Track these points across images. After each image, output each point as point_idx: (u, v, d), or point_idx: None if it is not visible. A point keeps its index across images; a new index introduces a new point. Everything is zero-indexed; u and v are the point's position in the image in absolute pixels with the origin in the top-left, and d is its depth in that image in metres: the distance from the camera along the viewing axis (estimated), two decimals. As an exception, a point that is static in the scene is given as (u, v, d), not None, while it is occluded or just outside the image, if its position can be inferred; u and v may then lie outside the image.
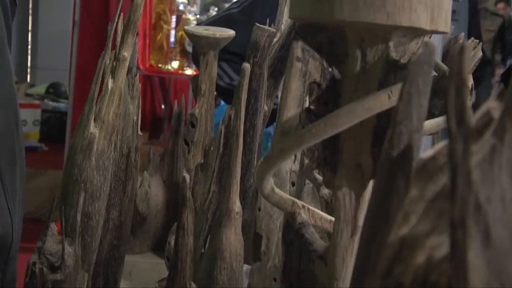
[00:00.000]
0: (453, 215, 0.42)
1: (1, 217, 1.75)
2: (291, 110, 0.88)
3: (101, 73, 1.43)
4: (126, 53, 1.45)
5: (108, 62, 1.45)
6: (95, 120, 1.42)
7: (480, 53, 1.37)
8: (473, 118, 0.45)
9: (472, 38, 1.40)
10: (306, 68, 0.88)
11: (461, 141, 0.42)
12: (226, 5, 5.84)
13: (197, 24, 3.28)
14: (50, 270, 1.19)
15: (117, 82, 1.45)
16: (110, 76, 1.44)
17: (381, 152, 0.70)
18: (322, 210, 1.18)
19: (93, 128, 1.41)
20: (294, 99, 0.88)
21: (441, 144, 0.49)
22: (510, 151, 0.46)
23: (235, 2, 2.75)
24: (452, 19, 0.94)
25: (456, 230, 0.42)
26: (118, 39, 1.47)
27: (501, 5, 10.90)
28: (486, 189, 0.44)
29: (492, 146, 0.45)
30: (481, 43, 1.38)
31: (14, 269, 1.81)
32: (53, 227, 1.24)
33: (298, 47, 0.87)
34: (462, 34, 1.31)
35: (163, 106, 4.92)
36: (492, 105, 0.49)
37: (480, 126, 0.47)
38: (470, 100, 1.32)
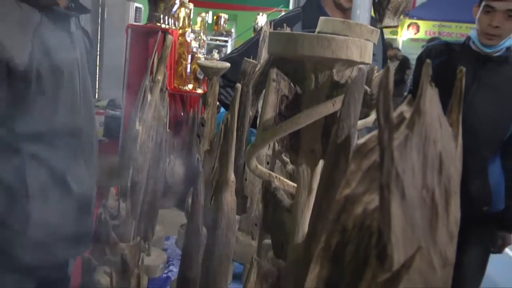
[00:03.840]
0: (381, 180, 0.41)
1: (85, 184, 1.75)
2: (269, 114, 0.86)
3: (143, 90, 1.42)
4: (160, 77, 1.44)
5: (147, 83, 1.43)
6: (139, 121, 1.40)
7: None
8: (394, 116, 0.44)
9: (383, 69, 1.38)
10: (279, 86, 0.87)
11: (387, 131, 0.41)
12: (224, 49, 5.80)
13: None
14: (110, 218, 1.17)
15: (153, 96, 1.43)
16: (149, 92, 1.43)
17: (329, 141, 0.69)
18: (287, 180, 1.17)
19: (138, 126, 1.40)
20: (271, 107, 0.86)
21: (370, 134, 0.48)
22: (418, 137, 0.45)
23: (236, 48, 2.76)
24: (373, 60, 0.93)
25: (383, 190, 0.41)
26: (155, 68, 1.46)
27: (391, 52, 10.38)
28: (402, 163, 0.43)
29: (406, 135, 0.44)
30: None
31: (92, 219, 1.81)
32: (112, 190, 1.22)
33: (274, 72, 0.86)
34: (376, 67, 1.29)
35: (182, 114, 4.89)
36: (404, 109, 0.48)
37: (397, 122, 0.46)
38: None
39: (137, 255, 0.97)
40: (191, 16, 4.98)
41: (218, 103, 2.73)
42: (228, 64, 1.88)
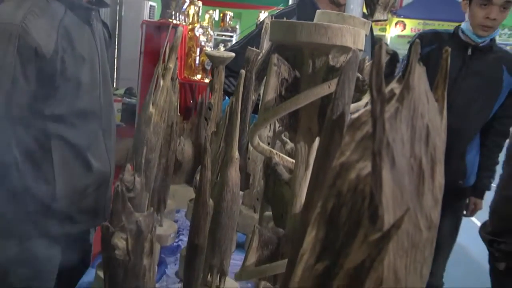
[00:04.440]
0: (373, 148, 0.40)
1: (104, 161, 1.78)
2: (270, 95, 0.86)
3: (156, 76, 1.41)
4: (171, 65, 1.43)
5: (160, 70, 1.42)
6: (152, 104, 1.39)
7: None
8: (386, 90, 0.43)
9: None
10: (279, 70, 0.86)
11: (379, 103, 0.40)
12: (229, 44, 5.76)
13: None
14: (126, 191, 1.16)
15: (166, 82, 1.42)
16: (162, 79, 1.42)
17: (324, 120, 0.68)
18: (286, 157, 1.16)
19: (151, 109, 1.39)
20: (272, 88, 0.86)
21: (362, 110, 0.48)
22: (407, 110, 0.44)
23: (237, 41, 2.77)
24: (364, 51, 0.92)
25: (375, 157, 0.40)
26: (167, 57, 1.45)
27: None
28: (392, 133, 0.42)
29: (396, 108, 0.44)
30: None
31: (111, 192, 1.82)
32: (129, 166, 1.22)
33: (275, 57, 0.85)
34: (368, 57, 1.28)
35: (191, 101, 4.88)
36: (394, 86, 0.47)
37: (388, 97, 0.46)
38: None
39: (150, 224, 0.96)
40: (200, 13, 4.97)
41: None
42: (232, 54, 1.87)
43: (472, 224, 4.24)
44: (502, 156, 2.97)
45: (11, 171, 1.58)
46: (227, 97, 2.71)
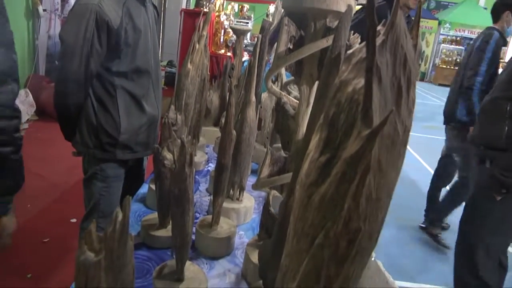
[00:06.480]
0: (366, 65, 0.39)
1: (153, 107, 1.77)
2: (282, 48, 0.84)
3: (193, 42, 1.38)
4: (204, 33, 1.40)
5: (196, 37, 1.40)
6: (190, 62, 1.38)
7: (359, 40, 1.29)
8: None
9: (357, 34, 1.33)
10: (289, 29, 0.84)
11: (371, 29, 0.39)
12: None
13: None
14: (171, 124, 1.16)
15: (200, 45, 1.40)
16: (197, 43, 1.40)
17: (324, 64, 0.67)
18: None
19: (189, 66, 1.37)
20: (283, 43, 0.84)
21: (356, 47, 0.47)
22: (391, 42, 0.43)
23: None
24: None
25: (367, 73, 0.39)
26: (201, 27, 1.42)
27: None
28: (380, 58, 0.41)
29: (383, 40, 0.43)
30: (359, 35, 1.31)
31: (158, 131, 1.82)
32: (172, 107, 1.21)
33: (286, 19, 0.83)
34: (352, 31, 1.24)
35: (217, 70, 4.84)
36: (380, 28, 0.46)
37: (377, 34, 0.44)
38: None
39: (189, 146, 0.96)
40: (224, 4, 4.93)
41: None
42: (250, 28, 1.84)
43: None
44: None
45: (90, 113, 1.63)
46: (245, 63, 2.68)
